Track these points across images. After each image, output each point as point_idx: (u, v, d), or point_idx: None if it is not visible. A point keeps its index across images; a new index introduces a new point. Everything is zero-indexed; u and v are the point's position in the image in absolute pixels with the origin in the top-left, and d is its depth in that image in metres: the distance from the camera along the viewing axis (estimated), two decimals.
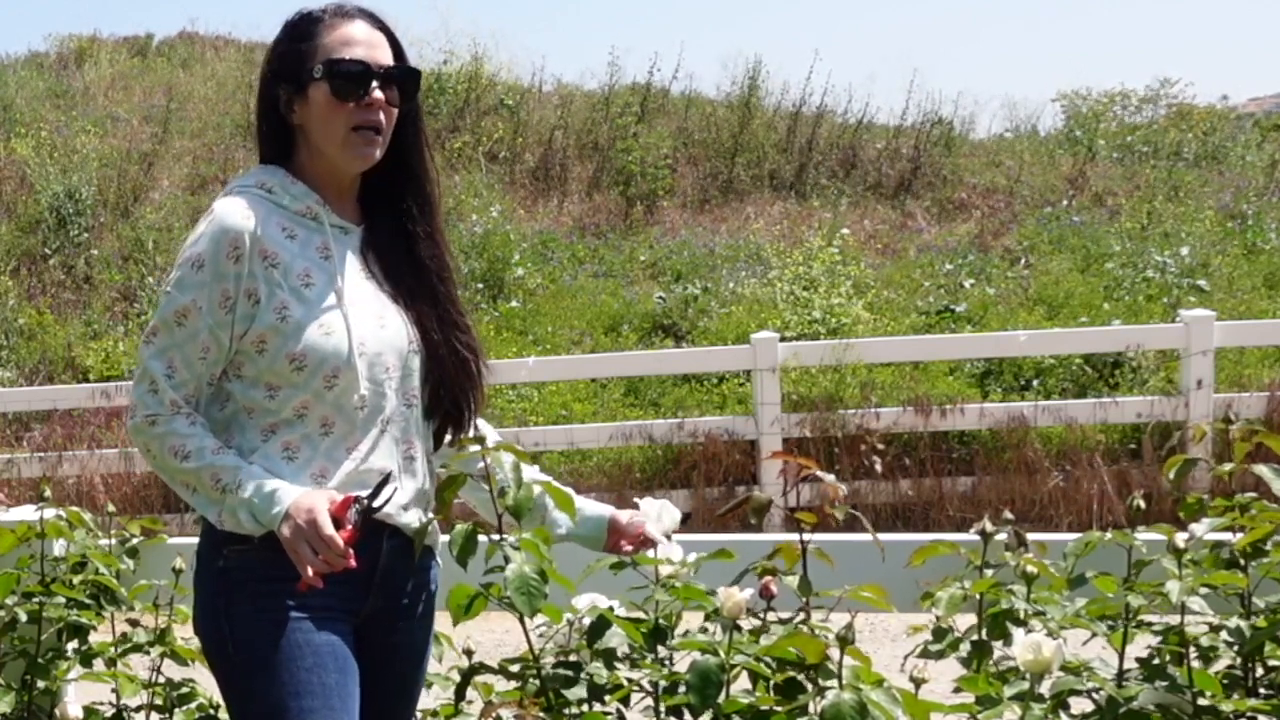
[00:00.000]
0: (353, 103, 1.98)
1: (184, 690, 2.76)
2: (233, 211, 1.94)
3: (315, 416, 1.96)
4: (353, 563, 1.85)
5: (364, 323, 1.98)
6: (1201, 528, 2.15)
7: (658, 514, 2.16)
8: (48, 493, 2.76)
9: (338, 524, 1.85)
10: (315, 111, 1.99)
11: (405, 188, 2.10)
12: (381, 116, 2.00)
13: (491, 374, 2.20)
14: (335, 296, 1.97)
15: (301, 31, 2.02)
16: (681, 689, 2.04)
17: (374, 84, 1.99)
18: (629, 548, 2.16)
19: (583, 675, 2.15)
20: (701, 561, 2.17)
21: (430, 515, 2.05)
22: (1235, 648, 2.08)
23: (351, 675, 1.95)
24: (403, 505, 2.02)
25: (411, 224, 2.10)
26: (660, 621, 2.12)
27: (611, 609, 2.19)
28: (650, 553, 2.16)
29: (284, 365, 1.93)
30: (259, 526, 1.90)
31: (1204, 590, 2.04)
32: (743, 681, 2.01)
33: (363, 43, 2.01)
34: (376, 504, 1.90)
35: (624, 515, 2.18)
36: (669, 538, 2.17)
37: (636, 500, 2.19)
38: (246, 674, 1.91)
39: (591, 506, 2.21)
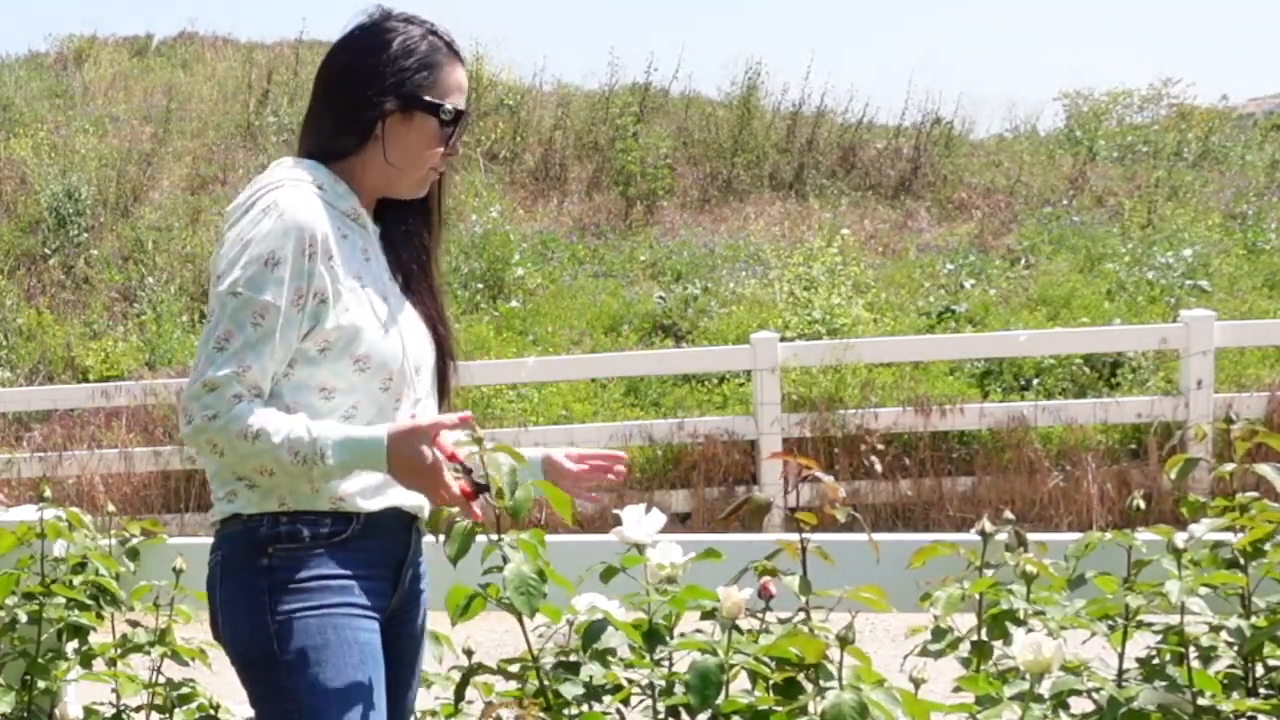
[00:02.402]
0: (444, 148, 2.04)
1: (184, 690, 2.76)
2: (302, 207, 1.91)
3: (363, 418, 1.96)
4: (476, 511, 1.89)
5: (406, 324, 2.03)
6: (1201, 528, 2.15)
7: (638, 519, 2.16)
8: (48, 493, 2.75)
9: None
10: (411, 139, 2.01)
11: (416, 206, 2.13)
12: None
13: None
14: (383, 298, 2.00)
15: (427, 58, 2.01)
16: (680, 689, 2.04)
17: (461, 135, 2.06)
18: (574, 470, 2.18)
19: (582, 675, 2.15)
20: (690, 564, 2.17)
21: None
22: (1235, 648, 2.08)
23: (382, 672, 1.98)
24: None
25: (416, 233, 2.14)
26: (658, 621, 2.12)
27: (610, 611, 2.19)
28: (647, 553, 2.17)
29: (348, 367, 1.94)
30: (350, 473, 1.91)
31: (1204, 590, 2.04)
32: (742, 681, 2.01)
33: (465, 94, 2.06)
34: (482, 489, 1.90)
35: (558, 453, 2.20)
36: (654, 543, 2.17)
37: (617, 512, 2.20)
38: (293, 670, 1.90)
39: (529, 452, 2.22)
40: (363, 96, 2.00)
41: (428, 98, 2.00)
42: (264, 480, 1.91)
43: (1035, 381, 8.50)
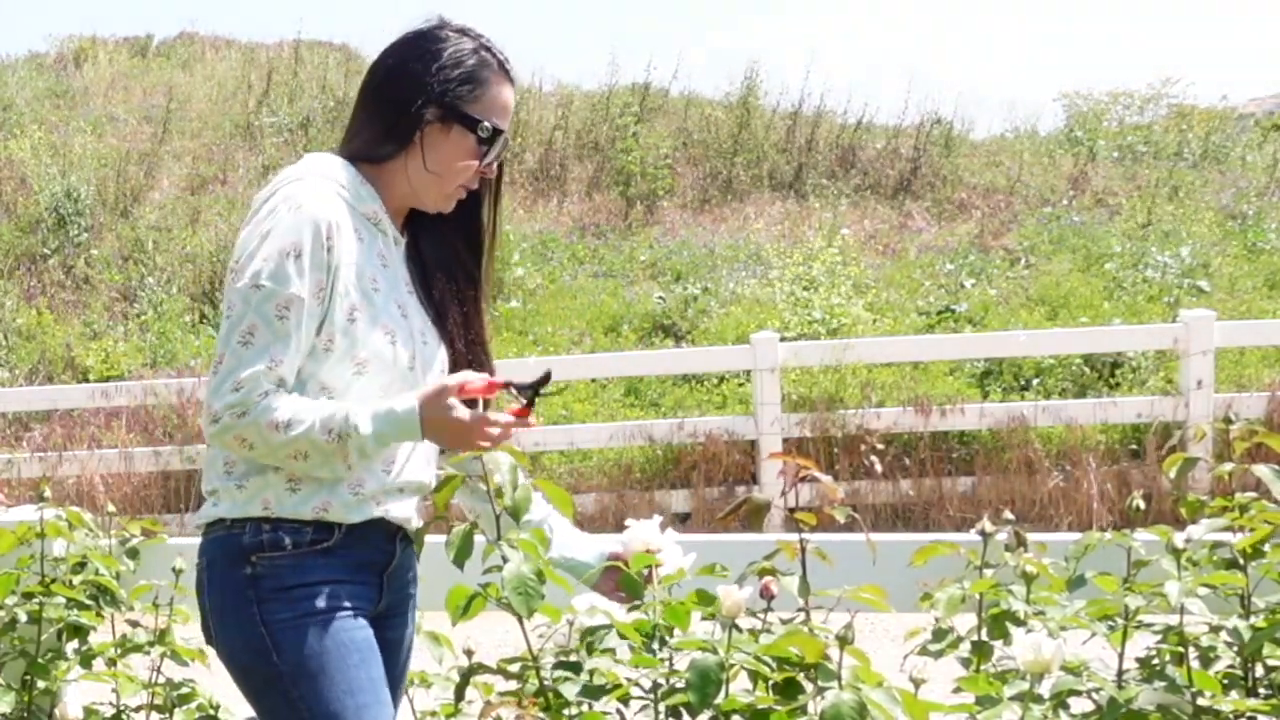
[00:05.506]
0: (478, 165, 2.01)
1: (184, 690, 2.76)
2: (322, 202, 1.91)
3: None
4: (531, 421, 1.92)
5: (418, 337, 2.01)
6: (1200, 529, 2.15)
7: (644, 540, 2.15)
8: (48, 493, 2.75)
9: (485, 404, 1.91)
10: (446, 151, 1.99)
11: (458, 225, 2.11)
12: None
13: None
14: (397, 306, 1.98)
15: (475, 73, 2.00)
16: (679, 686, 2.03)
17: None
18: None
19: (581, 675, 2.15)
20: (691, 574, 2.17)
21: (423, 520, 2.09)
22: (1235, 648, 2.08)
23: (381, 666, 1.99)
24: (415, 509, 2.06)
25: (454, 252, 2.12)
26: (660, 622, 2.12)
27: (610, 611, 2.19)
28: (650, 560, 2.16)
29: (347, 368, 1.93)
30: (386, 448, 1.91)
31: (1204, 590, 2.04)
32: (742, 681, 2.01)
33: (509, 115, 2.04)
34: (538, 389, 1.93)
35: (619, 547, 2.17)
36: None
37: (630, 522, 2.19)
38: (296, 679, 1.90)
39: (594, 542, 2.21)
40: (405, 103, 1.98)
41: (468, 111, 1.98)
42: (298, 465, 1.88)
43: (1035, 381, 8.50)
